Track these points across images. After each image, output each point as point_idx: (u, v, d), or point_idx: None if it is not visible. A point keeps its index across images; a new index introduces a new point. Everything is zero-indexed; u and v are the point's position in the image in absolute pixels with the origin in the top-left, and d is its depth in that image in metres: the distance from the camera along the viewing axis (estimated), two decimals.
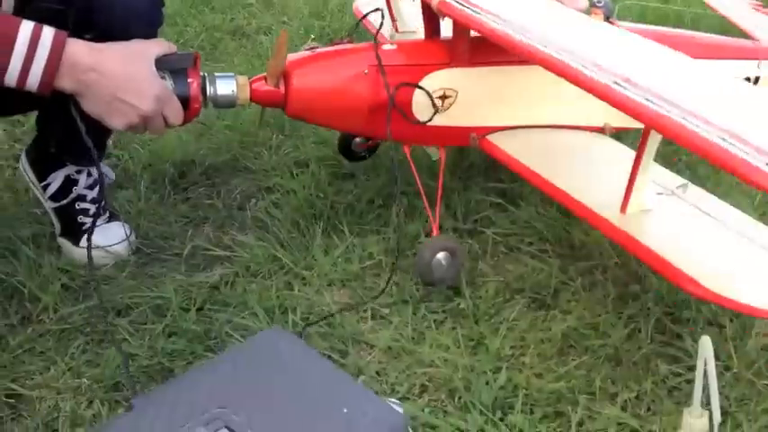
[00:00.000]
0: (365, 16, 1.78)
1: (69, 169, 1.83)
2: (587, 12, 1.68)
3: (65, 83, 1.35)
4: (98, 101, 1.37)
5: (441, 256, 1.62)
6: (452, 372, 1.45)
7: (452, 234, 1.77)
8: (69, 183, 1.83)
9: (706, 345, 1.05)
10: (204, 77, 1.49)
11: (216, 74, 1.51)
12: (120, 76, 1.37)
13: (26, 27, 1.32)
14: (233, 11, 3.02)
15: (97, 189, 1.84)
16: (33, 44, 1.32)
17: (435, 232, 1.63)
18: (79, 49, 1.35)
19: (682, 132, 1.20)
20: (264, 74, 1.56)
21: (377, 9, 1.78)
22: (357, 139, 1.91)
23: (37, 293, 1.63)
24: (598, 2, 1.69)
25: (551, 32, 1.46)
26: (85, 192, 1.83)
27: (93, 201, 1.83)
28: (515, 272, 1.71)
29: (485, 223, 1.84)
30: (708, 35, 2.11)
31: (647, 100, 1.26)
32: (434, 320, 1.59)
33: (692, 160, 2.04)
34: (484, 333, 1.54)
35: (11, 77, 1.33)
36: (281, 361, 1.13)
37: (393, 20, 1.66)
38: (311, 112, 1.59)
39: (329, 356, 1.49)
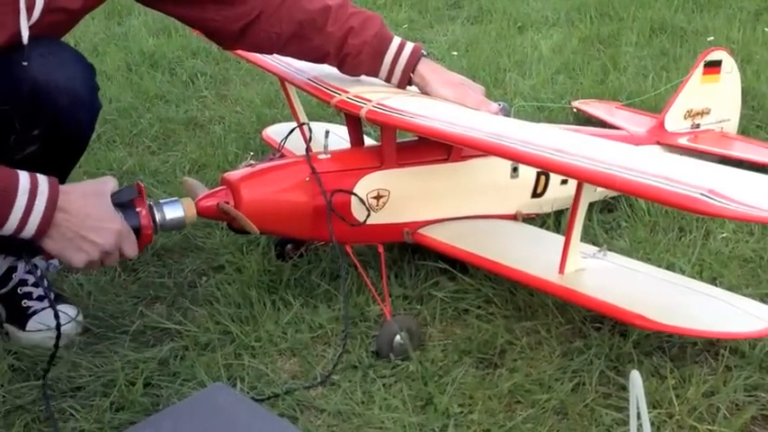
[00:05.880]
0: (291, 132, 1.89)
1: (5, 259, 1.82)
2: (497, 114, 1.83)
3: None
4: (62, 239, 1.40)
5: (401, 335, 1.65)
6: (401, 431, 1.46)
7: (409, 312, 1.82)
8: (8, 270, 1.83)
9: (636, 380, 1.07)
10: (151, 206, 1.54)
11: (161, 201, 1.57)
12: (83, 214, 1.40)
13: (24, 177, 1.35)
14: (187, 103, 3.09)
15: (38, 273, 1.84)
16: (32, 195, 1.35)
17: (387, 317, 1.67)
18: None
19: (615, 179, 1.35)
20: (211, 190, 1.65)
21: (304, 123, 1.94)
22: (288, 246, 2.01)
23: None
24: (498, 104, 1.85)
25: (477, 125, 1.61)
26: (26, 276, 1.83)
27: (35, 284, 1.83)
28: (463, 334, 1.74)
29: (433, 289, 1.88)
30: (594, 128, 2.42)
31: (579, 161, 1.43)
32: (383, 384, 1.60)
33: (630, 225, 2.12)
34: (432, 393, 1.55)
35: (8, 229, 1.36)
36: (224, 416, 1.14)
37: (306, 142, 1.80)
38: (260, 220, 1.65)
39: None
